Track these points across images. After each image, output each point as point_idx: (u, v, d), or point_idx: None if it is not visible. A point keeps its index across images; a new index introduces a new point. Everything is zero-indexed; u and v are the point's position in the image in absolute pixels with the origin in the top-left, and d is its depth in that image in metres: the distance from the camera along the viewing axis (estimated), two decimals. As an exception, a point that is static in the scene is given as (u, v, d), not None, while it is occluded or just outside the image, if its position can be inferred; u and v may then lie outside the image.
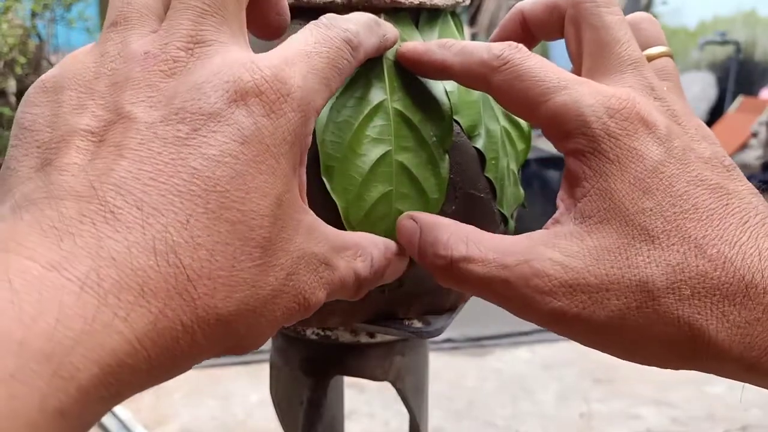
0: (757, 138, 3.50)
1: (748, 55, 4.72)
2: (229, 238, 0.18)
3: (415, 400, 0.37)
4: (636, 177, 0.22)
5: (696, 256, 0.22)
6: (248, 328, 0.19)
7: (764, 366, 0.21)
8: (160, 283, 0.16)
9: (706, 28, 5.03)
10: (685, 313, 0.21)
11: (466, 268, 0.23)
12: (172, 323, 0.17)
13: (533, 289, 0.22)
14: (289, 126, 0.20)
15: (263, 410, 1.44)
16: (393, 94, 0.28)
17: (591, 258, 0.22)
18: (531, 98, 0.24)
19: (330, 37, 0.22)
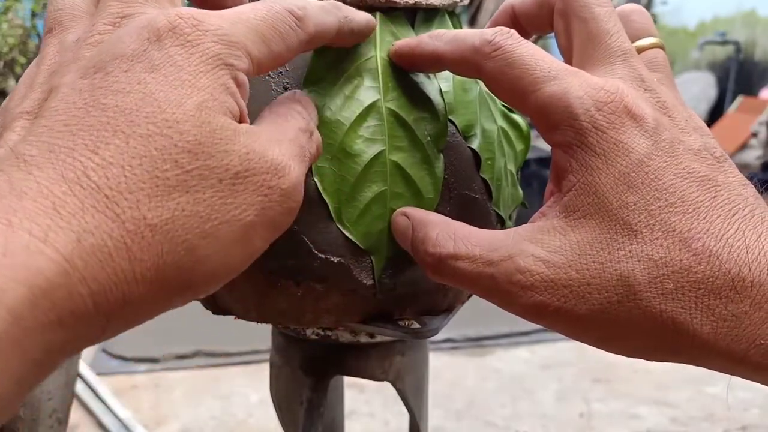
0: (757, 138, 3.50)
1: (748, 55, 4.71)
2: (144, 150, 0.18)
3: (415, 400, 0.37)
4: (621, 171, 0.22)
5: (680, 250, 0.22)
6: (201, 235, 0.19)
7: (753, 359, 0.21)
8: (76, 204, 0.17)
9: (706, 28, 5.02)
10: (668, 307, 0.22)
11: (454, 265, 0.24)
12: (99, 240, 0.17)
13: (516, 284, 0.23)
14: (208, 52, 0.20)
15: (263, 410, 1.44)
16: (387, 94, 0.28)
17: (573, 253, 0.22)
18: (522, 87, 0.24)
19: (271, 6, 0.22)
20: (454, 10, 0.32)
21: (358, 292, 0.28)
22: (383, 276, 0.28)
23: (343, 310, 0.29)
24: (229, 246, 0.20)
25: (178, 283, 0.19)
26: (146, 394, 1.52)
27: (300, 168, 0.22)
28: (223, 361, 1.63)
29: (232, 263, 0.20)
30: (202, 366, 1.62)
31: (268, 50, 0.22)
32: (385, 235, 0.28)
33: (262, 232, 0.21)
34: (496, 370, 1.70)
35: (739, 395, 1.60)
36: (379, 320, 0.30)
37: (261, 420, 1.42)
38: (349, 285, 0.28)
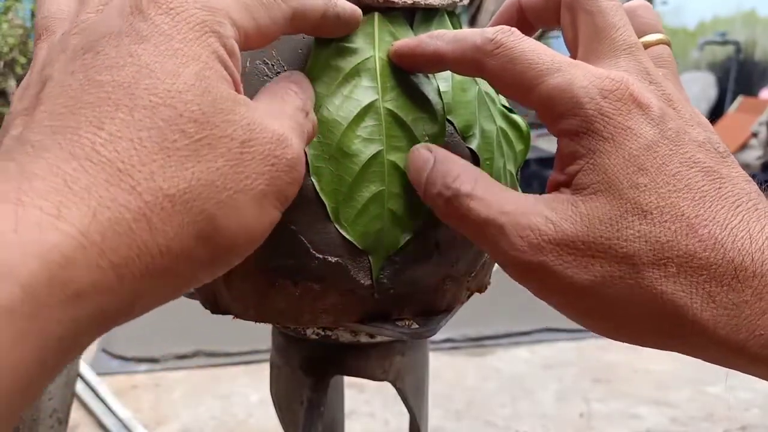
0: (757, 138, 3.50)
1: (748, 55, 4.71)
2: (150, 122, 0.18)
3: (415, 400, 0.37)
4: (630, 154, 0.23)
5: (687, 234, 0.22)
6: (215, 204, 0.19)
7: (751, 349, 0.21)
8: (88, 180, 0.17)
9: (706, 28, 5.02)
10: (669, 289, 0.22)
11: (468, 204, 0.24)
12: (116, 213, 0.17)
13: (524, 239, 0.23)
14: (194, 18, 0.20)
15: (263, 410, 1.44)
16: (385, 94, 0.28)
17: (582, 224, 0.23)
18: (525, 81, 0.24)
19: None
20: (453, 10, 0.32)
21: (356, 292, 0.28)
22: (381, 276, 0.28)
23: (341, 310, 0.29)
24: (247, 215, 0.20)
25: (201, 255, 0.19)
26: (146, 394, 1.51)
27: (299, 143, 0.22)
28: (223, 361, 1.63)
29: (251, 233, 0.20)
30: (202, 366, 1.62)
31: (252, 20, 0.22)
32: (383, 235, 0.28)
33: (274, 201, 0.21)
34: (496, 370, 1.70)
35: (739, 395, 1.60)
36: (377, 320, 0.30)
37: (261, 420, 1.42)
38: (347, 285, 0.28)
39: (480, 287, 0.34)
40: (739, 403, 1.56)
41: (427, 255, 0.29)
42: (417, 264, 0.29)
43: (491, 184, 0.25)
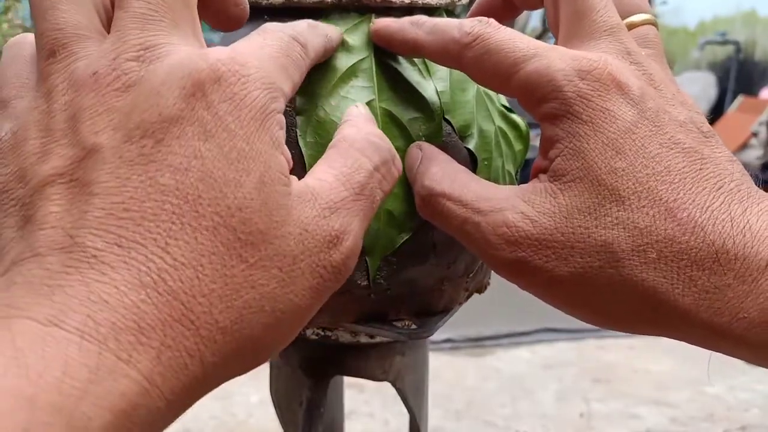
0: (757, 138, 3.50)
1: (748, 55, 4.71)
2: (211, 246, 0.17)
3: (415, 400, 0.37)
4: (609, 138, 0.22)
5: (665, 219, 0.22)
6: (264, 328, 0.18)
7: (735, 332, 0.21)
8: (155, 315, 0.16)
9: (706, 28, 5.02)
10: (650, 276, 0.22)
11: (444, 203, 0.24)
12: (176, 352, 0.16)
13: (500, 237, 0.23)
14: (256, 104, 0.19)
15: (263, 410, 1.44)
16: (381, 94, 0.28)
17: (561, 216, 0.22)
18: (503, 70, 0.24)
19: (278, 36, 0.22)
20: (453, 10, 0.32)
21: (353, 293, 0.28)
22: (378, 276, 0.28)
23: (338, 310, 0.29)
24: (288, 331, 0.20)
25: (237, 371, 0.19)
26: (146, 394, 1.51)
27: (360, 225, 0.21)
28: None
29: (286, 341, 0.20)
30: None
31: (291, 83, 0.21)
32: (380, 235, 0.28)
33: (315, 308, 0.20)
34: (496, 370, 1.70)
35: (739, 395, 1.60)
36: (374, 320, 0.30)
37: (261, 420, 1.41)
38: (344, 285, 0.28)
39: (479, 288, 0.34)
40: (739, 403, 1.56)
41: (424, 256, 0.29)
42: (414, 265, 0.29)
43: (469, 181, 0.25)
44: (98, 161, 0.17)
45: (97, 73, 0.18)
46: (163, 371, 0.16)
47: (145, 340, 0.16)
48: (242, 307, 0.18)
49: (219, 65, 0.18)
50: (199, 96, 0.18)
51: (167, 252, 0.17)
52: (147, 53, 0.19)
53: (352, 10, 0.29)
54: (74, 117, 0.18)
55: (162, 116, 0.18)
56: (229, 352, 0.18)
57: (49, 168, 0.18)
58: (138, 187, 0.17)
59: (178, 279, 0.17)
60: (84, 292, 0.16)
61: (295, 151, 0.27)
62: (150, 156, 0.17)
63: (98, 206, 0.17)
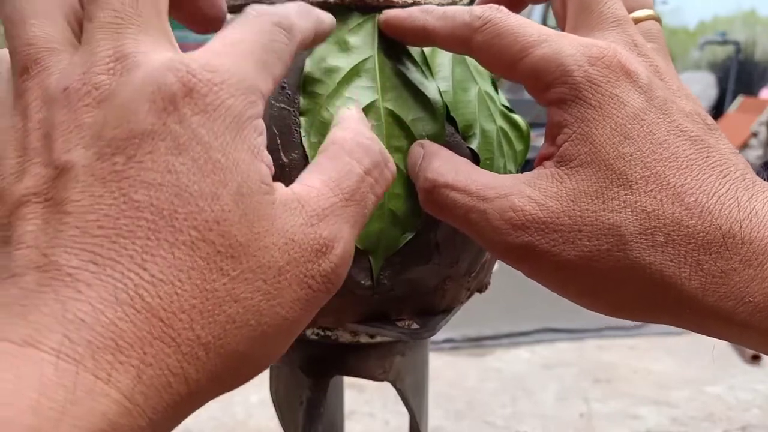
0: (757, 138, 3.50)
1: (748, 55, 4.72)
2: (190, 261, 0.17)
3: (415, 400, 0.37)
4: (617, 123, 0.22)
5: (673, 203, 0.22)
6: (249, 342, 0.18)
7: (740, 317, 0.21)
8: (133, 333, 0.16)
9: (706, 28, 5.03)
10: (657, 259, 0.22)
11: (448, 194, 0.24)
12: (158, 371, 0.16)
13: (507, 221, 0.23)
14: (230, 113, 0.18)
15: (263, 410, 1.44)
16: (384, 94, 0.28)
17: (568, 200, 0.22)
18: (512, 54, 0.24)
19: (258, 23, 0.21)
20: (453, 10, 0.32)
21: (356, 293, 0.28)
22: (381, 276, 0.28)
23: (341, 311, 0.29)
24: (277, 344, 0.19)
25: (225, 387, 0.18)
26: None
27: (351, 231, 0.21)
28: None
29: (275, 355, 0.20)
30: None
31: (272, 79, 0.20)
32: (383, 235, 0.28)
33: (306, 320, 0.20)
34: (496, 370, 1.70)
35: (739, 395, 1.60)
36: (377, 320, 0.30)
37: (261, 420, 1.42)
38: (347, 285, 0.28)
39: (480, 287, 0.34)
40: (739, 403, 1.56)
41: (427, 255, 0.29)
42: (417, 264, 0.29)
43: (472, 172, 0.25)
44: (71, 180, 0.17)
45: (68, 89, 0.18)
46: (144, 390, 0.16)
47: (124, 359, 0.15)
48: (225, 321, 0.17)
49: (189, 77, 0.18)
50: (171, 110, 0.17)
51: (144, 268, 0.16)
52: (117, 65, 0.18)
53: (355, 10, 0.29)
54: (48, 135, 0.18)
55: (133, 132, 0.17)
56: (213, 368, 0.17)
57: (23, 188, 0.17)
58: (112, 204, 0.17)
59: (156, 295, 0.16)
60: (59, 310, 0.15)
61: (299, 152, 0.27)
62: (122, 173, 0.17)
63: (72, 224, 0.16)
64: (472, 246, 0.31)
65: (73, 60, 0.19)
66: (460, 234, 0.30)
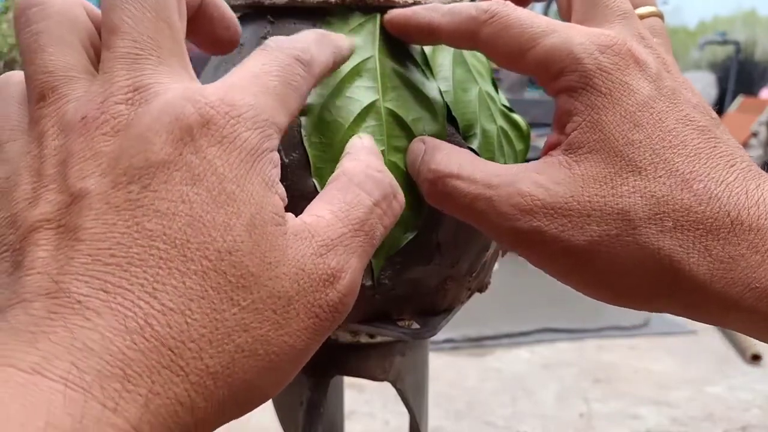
0: (757, 138, 3.51)
1: (748, 55, 4.72)
2: (201, 291, 0.17)
3: (415, 400, 0.37)
4: (627, 110, 0.23)
5: (682, 189, 0.22)
6: (257, 372, 0.18)
7: (747, 302, 0.22)
8: (142, 362, 0.16)
9: (706, 28, 5.03)
10: (666, 244, 0.22)
11: (453, 184, 0.24)
12: (165, 400, 0.16)
13: (515, 206, 0.23)
14: (246, 145, 0.18)
15: (263, 410, 1.43)
16: (385, 94, 0.28)
17: (576, 185, 0.23)
18: (520, 44, 0.24)
19: (278, 57, 0.21)
20: (454, 10, 0.32)
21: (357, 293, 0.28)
22: (382, 277, 0.28)
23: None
24: (284, 373, 0.19)
25: (232, 416, 0.18)
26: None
27: (360, 262, 0.21)
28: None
29: (282, 384, 0.20)
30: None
31: (289, 113, 0.20)
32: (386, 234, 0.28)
33: (313, 349, 0.20)
34: (496, 370, 1.70)
35: (739, 395, 1.60)
36: (378, 320, 0.30)
37: (261, 420, 1.42)
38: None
39: (480, 287, 0.34)
40: (739, 403, 1.56)
41: (429, 255, 0.29)
42: (418, 264, 0.29)
43: (478, 162, 0.25)
44: (85, 207, 0.17)
45: (86, 117, 0.18)
46: (151, 419, 0.16)
47: (132, 388, 0.15)
48: (234, 351, 0.17)
49: (207, 108, 0.18)
50: (188, 140, 0.18)
51: (154, 297, 0.16)
52: (136, 95, 0.18)
53: (356, 10, 0.29)
54: (64, 162, 0.18)
55: (149, 161, 0.17)
56: (221, 397, 0.17)
57: (37, 214, 0.17)
58: (124, 232, 0.17)
59: (166, 324, 0.16)
60: (68, 338, 0.15)
61: (300, 152, 0.27)
62: (137, 201, 0.17)
63: (84, 252, 0.16)
64: (473, 246, 0.31)
65: (91, 89, 0.19)
66: (461, 234, 0.30)
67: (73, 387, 0.15)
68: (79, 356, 0.15)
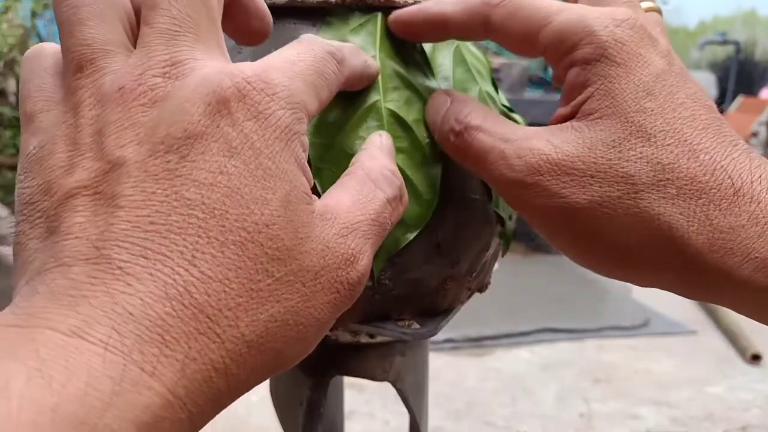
0: (757, 138, 3.51)
1: (748, 55, 4.72)
2: (238, 261, 0.17)
3: (415, 400, 0.37)
4: (641, 79, 0.23)
5: (688, 158, 0.23)
6: (285, 341, 0.19)
7: (743, 272, 0.22)
8: (180, 328, 0.16)
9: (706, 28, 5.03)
10: (667, 211, 0.22)
11: (474, 135, 0.25)
12: (201, 365, 0.16)
13: (522, 159, 0.24)
14: (280, 123, 0.19)
15: (263, 410, 1.44)
16: (386, 94, 0.28)
17: (584, 146, 0.23)
18: (534, 23, 0.25)
19: (313, 49, 0.22)
20: (454, 10, 0.32)
21: (358, 293, 0.28)
22: (382, 277, 0.28)
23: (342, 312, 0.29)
24: (307, 344, 0.20)
25: (257, 382, 0.19)
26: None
27: (372, 249, 0.22)
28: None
29: (305, 354, 0.20)
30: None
31: (318, 102, 0.21)
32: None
33: (331, 323, 0.21)
34: (496, 370, 1.70)
35: (739, 395, 1.60)
36: (378, 320, 0.30)
37: (261, 420, 1.42)
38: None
39: (480, 287, 0.34)
40: (739, 403, 1.56)
41: (429, 256, 0.29)
42: (418, 265, 0.29)
43: (500, 119, 0.26)
44: (123, 175, 0.17)
45: (124, 88, 0.18)
46: (187, 384, 0.16)
47: (170, 353, 0.16)
48: (267, 320, 0.18)
49: (244, 83, 0.19)
50: (225, 113, 0.18)
51: (194, 265, 0.17)
52: (173, 69, 0.19)
53: (356, 10, 0.29)
54: (100, 131, 0.18)
55: (187, 132, 0.18)
56: (253, 364, 0.18)
57: (74, 181, 0.18)
58: (163, 201, 0.17)
59: (205, 292, 0.17)
60: (109, 303, 0.16)
61: None
62: (175, 171, 0.17)
63: (124, 219, 0.17)
64: (473, 246, 0.31)
65: (129, 62, 0.19)
66: (461, 234, 0.30)
67: (113, 351, 0.15)
68: (119, 321, 0.15)
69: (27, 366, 0.14)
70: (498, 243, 0.33)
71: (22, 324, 0.15)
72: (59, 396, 0.14)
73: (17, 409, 0.13)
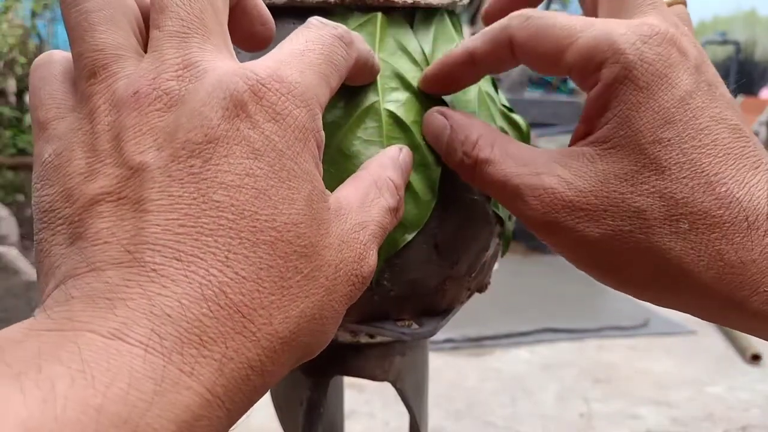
0: (758, 138, 3.51)
1: (748, 55, 4.72)
2: (270, 260, 0.18)
3: (415, 400, 0.37)
4: (662, 106, 0.23)
5: (704, 192, 0.22)
6: (312, 334, 0.19)
7: (753, 305, 0.22)
8: (217, 328, 0.16)
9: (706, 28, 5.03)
10: (678, 246, 0.22)
11: (487, 170, 0.25)
12: (238, 364, 0.17)
13: (537, 199, 0.24)
14: (298, 124, 0.19)
15: (263, 410, 1.44)
16: (385, 95, 0.28)
17: (597, 180, 0.23)
18: (559, 41, 0.24)
19: (321, 35, 0.22)
20: (454, 10, 0.32)
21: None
22: (381, 277, 0.28)
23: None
24: (329, 335, 0.21)
25: (282, 375, 0.19)
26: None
27: (375, 249, 0.23)
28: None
29: (324, 345, 0.21)
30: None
31: (330, 90, 0.22)
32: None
33: (343, 315, 0.21)
34: (496, 370, 1.70)
35: (740, 395, 1.60)
36: (377, 321, 0.30)
37: (261, 420, 1.42)
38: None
39: (480, 287, 0.34)
40: (739, 403, 1.57)
41: (428, 256, 0.29)
42: (417, 265, 0.29)
43: (508, 145, 0.25)
44: (146, 180, 0.17)
45: (138, 93, 0.18)
46: (225, 383, 0.16)
47: (207, 353, 0.16)
48: (298, 316, 0.18)
49: (258, 85, 0.19)
50: (243, 116, 0.18)
51: (227, 266, 0.17)
52: (186, 72, 0.19)
53: (356, 10, 0.29)
54: (118, 137, 0.18)
55: (208, 137, 0.18)
56: (285, 360, 0.18)
57: (96, 187, 0.18)
58: (191, 204, 0.17)
59: (239, 292, 0.17)
60: (146, 305, 0.16)
61: None
62: (200, 174, 0.18)
63: (153, 222, 0.17)
64: (472, 246, 0.31)
65: (141, 66, 0.19)
66: (461, 234, 0.30)
67: (153, 352, 0.15)
68: (157, 323, 0.16)
69: (71, 369, 0.14)
70: (497, 243, 0.33)
71: (62, 328, 0.15)
72: (103, 397, 0.14)
73: (62, 410, 0.13)
